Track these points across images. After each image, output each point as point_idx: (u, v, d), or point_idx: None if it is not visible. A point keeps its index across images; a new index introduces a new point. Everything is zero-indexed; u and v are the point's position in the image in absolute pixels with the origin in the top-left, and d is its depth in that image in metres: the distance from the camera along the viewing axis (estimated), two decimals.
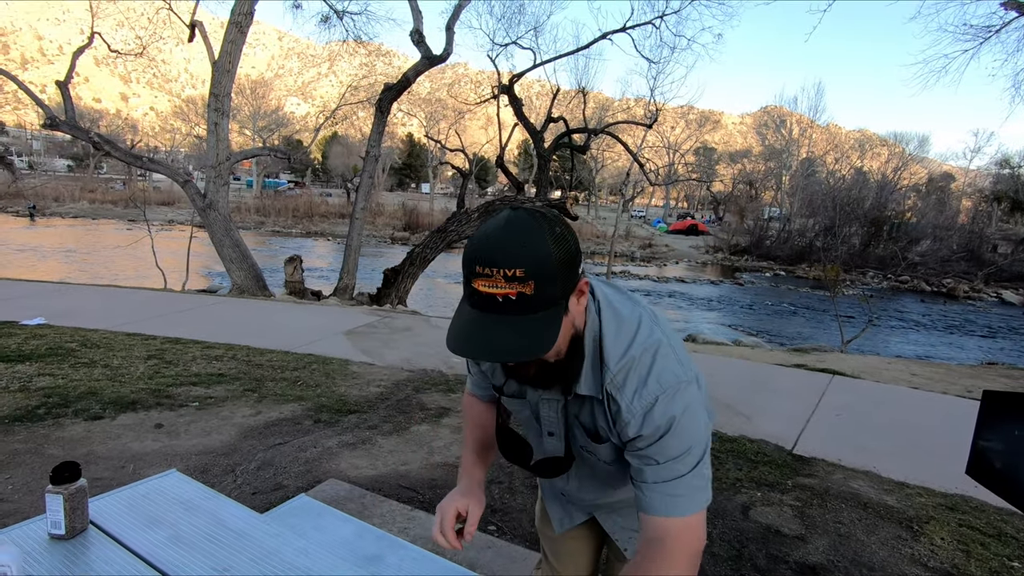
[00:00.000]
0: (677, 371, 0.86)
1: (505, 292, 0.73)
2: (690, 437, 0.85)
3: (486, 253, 0.74)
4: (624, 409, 0.85)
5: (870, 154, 46.27)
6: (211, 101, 9.93)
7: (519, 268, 0.73)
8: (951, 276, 24.70)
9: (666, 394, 0.84)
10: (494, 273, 0.73)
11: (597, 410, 0.90)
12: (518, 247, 0.73)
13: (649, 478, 0.86)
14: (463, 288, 0.80)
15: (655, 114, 12.26)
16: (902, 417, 4.65)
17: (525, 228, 0.74)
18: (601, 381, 0.87)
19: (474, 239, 0.77)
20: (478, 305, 0.76)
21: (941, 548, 2.62)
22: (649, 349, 0.87)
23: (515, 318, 0.74)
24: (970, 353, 13.57)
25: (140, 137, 43.25)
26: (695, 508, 0.85)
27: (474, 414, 1.20)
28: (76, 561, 1.07)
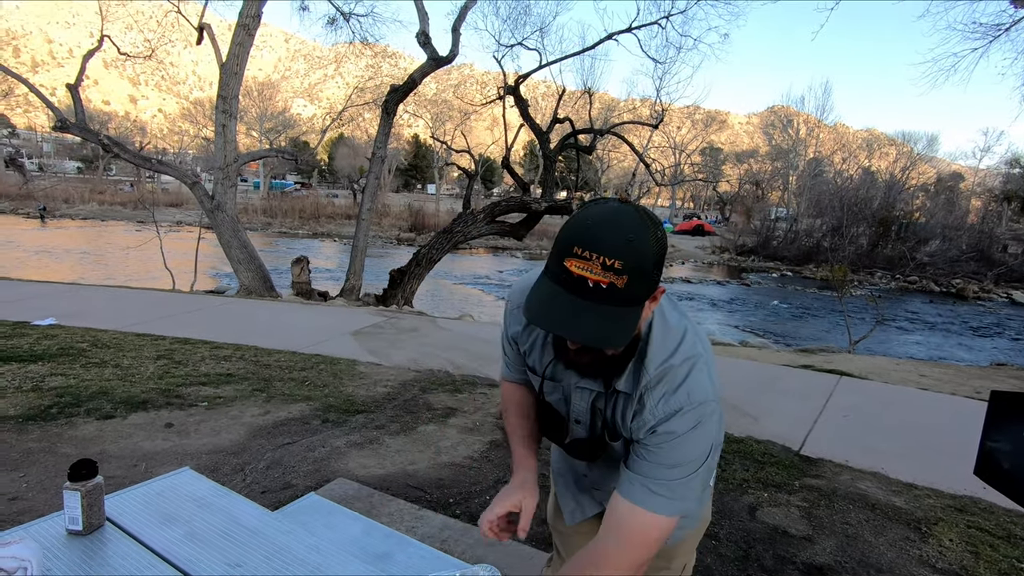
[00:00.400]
0: (707, 390, 0.89)
1: (598, 279, 0.74)
2: (692, 452, 0.88)
3: (590, 237, 0.75)
4: (647, 410, 0.89)
5: (878, 154, 46.01)
6: (219, 103, 10.01)
7: (619, 260, 0.74)
8: (960, 276, 24.51)
9: (691, 408, 0.87)
10: (592, 258, 0.74)
11: (626, 407, 0.93)
12: (624, 240, 0.74)
13: (639, 469, 0.90)
14: (549, 264, 0.80)
15: (661, 114, 12.24)
16: (911, 418, 4.62)
17: (634, 223, 0.76)
18: (638, 381, 0.90)
19: (578, 220, 0.78)
20: (565, 285, 0.77)
21: (950, 550, 2.61)
22: (688, 361, 0.90)
23: (600, 306, 0.76)
24: (980, 354, 13.46)
25: (148, 139, 43.58)
26: (666, 512, 0.88)
27: (515, 401, 1.20)
28: (94, 557, 1.09)
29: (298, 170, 55.54)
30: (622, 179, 50.70)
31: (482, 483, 2.93)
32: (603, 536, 0.90)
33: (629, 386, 0.92)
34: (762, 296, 20.96)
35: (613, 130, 12.60)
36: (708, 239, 36.18)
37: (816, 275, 24.65)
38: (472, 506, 2.69)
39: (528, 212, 11.25)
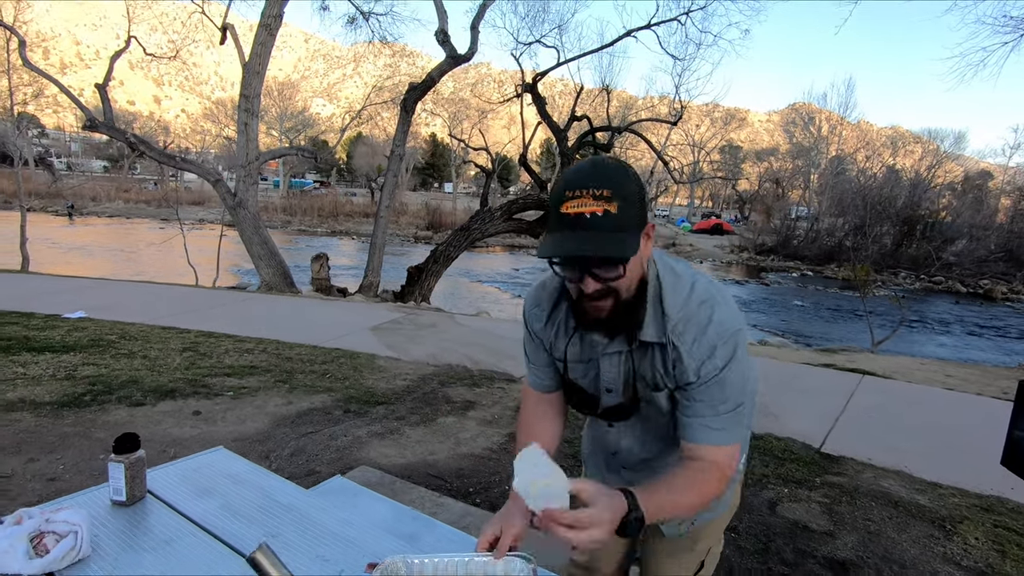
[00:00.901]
0: (733, 320, 0.96)
1: (592, 209, 0.83)
2: (739, 380, 0.96)
3: (576, 180, 0.86)
4: (685, 355, 0.95)
5: (903, 151, 45.09)
6: (241, 102, 10.18)
7: (606, 188, 0.84)
8: (988, 277, 23.91)
9: (723, 341, 0.94)
10: (583, 193, 0.84)
11: (657, 358, 0.99)
12: (604, 175, 0.86)
13: (695, 413, 0.98)
14: (550, 221, 0.90)
15: (680, 111, 12.15)
16: (935, 417, 4.55)
17: (609, 164, 0.88)
18: (664, 328, 0.96)
19: (563, 176, 0.89)
20: (566, 226, 0.85)
21: (975, 547, 2.57)
22: (707, 301, 0.96)
23: (601, 232, 0.84)
24: (1007, 356, 13.13)
25: (172, 138, 44.39)
26: (730, 441, 0.98)
27: (526, 419, 1.22)
28: (138, 525, 1.14)
29: (317, 169, 56.16)
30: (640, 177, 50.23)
31: (501, 473, 2.96)
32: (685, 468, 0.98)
33: (657, 334, 0.97)
34: (782, 296, 20.69)
35: (631, 128, 12.54)
36: (727, 238, 35.78)
37: (838, 275, 24.25)
38: (491, 495, 2.72)
39: (545, 210, 11.25)
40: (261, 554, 0.66)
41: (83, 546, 1.01)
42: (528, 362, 1.22)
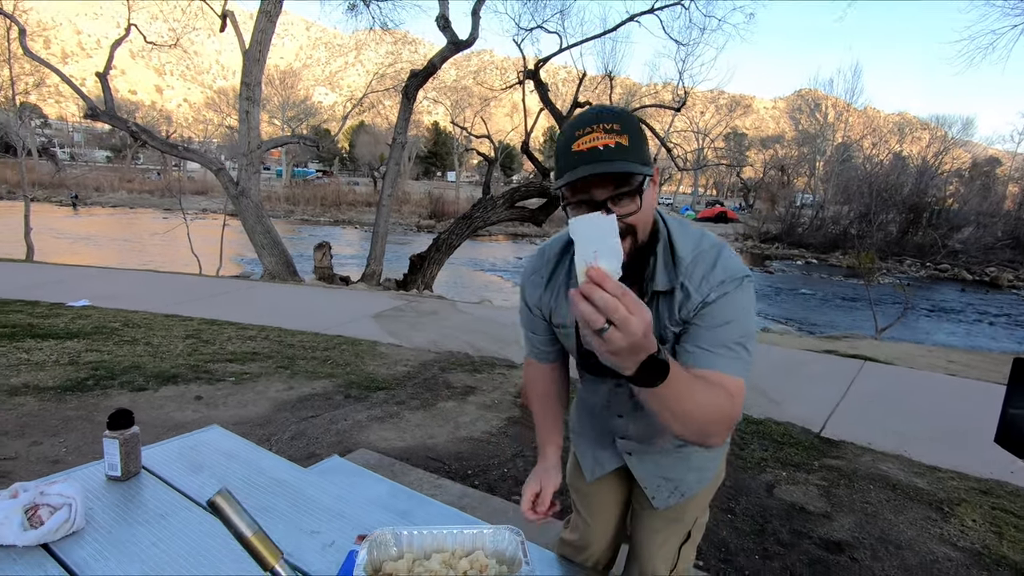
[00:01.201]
0: (739, 263, 0.99)
1: (605, 142, 0.84)
2: (744, 313, 0.96)
3: (584, 119, 0.87)
4: (693, 291, 0.96)
5: (910, 138, 44.62)
6: (242, 90, 10.14)
7: (616, 123, 0.85)
8: (994, 264, 23.74)
9: (731, 278, 0.96)
10: (594, 128, 0.85)
11: (671, 305, 0.99)
12: (611, 112, 0.88)
13: (699, 340, 0.95)
14: (562, 167, 0.88)
15: (683, 98, 12.04)
16: (937, 403, 4.54)
17: (613, 106, 0.93)
18: (677, 272, 0.98)
19: (572, 121, 0.90)
20: (582, 161, 0.85)
21: (972, 529, 2.58)
22: (715, 246, 1.00)
23: (615, 162, 0.84)
24: (1013, 344, 13.08)
25: (174, 128, 44.37)
26: (739, 372, 0.94)
27: (539, 388, 1.27)
28: (132, 499, 1.15)
29: (319, 158, 56.06)
30: None
31: (500, 456, 2.97)
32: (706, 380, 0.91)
33: (668, 281, 0.98)
34: (786, 284, 20.62)
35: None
36: (731, 226, 35.60)
37: (842, 263, 24.12)
38: (490, 478, 2.74)
39: (547, 198, 11.21)
40: (221, 498, 0.65)
41: (77, 518, 1.03)
42: (528, 334, 1.23)
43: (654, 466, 1.23)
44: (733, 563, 2.20)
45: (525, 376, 1.30)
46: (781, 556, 2.25)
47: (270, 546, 0.67)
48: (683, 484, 1.23)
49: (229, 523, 0.65)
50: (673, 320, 0.99)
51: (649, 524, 1.27)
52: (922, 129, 49.30)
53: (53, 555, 0.98)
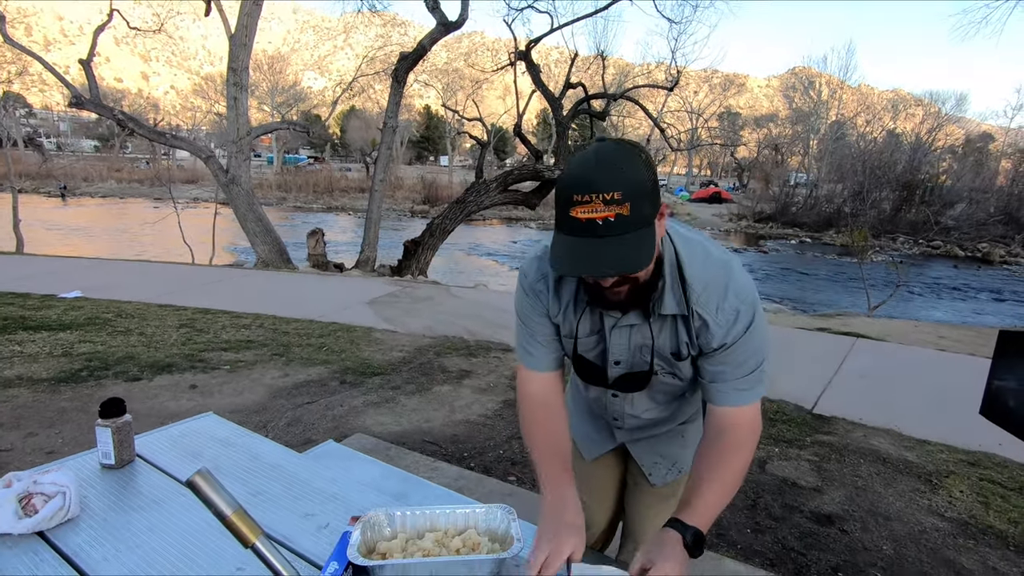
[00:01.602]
0: (749, 284, 0.98)
1: (604, 215, 0.79)
2: (760, 340, 0.98)
3: (583, 181, 0.80)
4: (712, 323, 0.96)
5: (904, 115, 44.48)
6: (229, 75, 9.99)
7: (616, 191, 0.78)
8: (987, 240, 23.87)
9: (744, 306, 0.95)
10: (593, 199, 0.79)
11: (681, 329, 0.99)
12: (614, 172, 0.79)
13: (726, 378, 0.99)
14: (558, 221, 0.85)
15: (676, 77, 11.94)
16: (928, 378, 4.60)
17: (617, 155, 0.81)
18: (686, 299, 0.96)
19: (568, 172, 0.83)
20: (577, 231, 0.81)
21: (959, 500, 2.63)
22: (722, 267, 0.97)
23: (615, 238, 0.80)
24: (1004, 319, 13.21)
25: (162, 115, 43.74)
26: (757, 398, 1.01)
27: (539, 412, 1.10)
28: (127, 486, 1.16)
29: (311, 144, 55.46)
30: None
31: (496, 439, 3.00)
32: (724, 444, 0.99)
33: (677, 307, 0.96)
34: (780, 263, 20.69)
35: (627, 94, 12.34)
36: (725, 207, 35.56)
37: (836, 241, 24.19)
38: (486, 460, 2.77)
39: (541, 180, 11.16)
40: (200, 477, 0.65)
41: (71, 506, 1.03)
42: (528, 341, 1.10)
43: (651, 445, 1.25)
44: (726, 537, 2.24)
45: (523, 395, 1.13)
46: (772, 530, 2.29)
47: (250, 523, 0.67)
48: (680, 460, 1.25)
49: (209, 502, 0.65)
50: (693, 343, 1.00)
51: (645, 500, 1.29)
52: (916, 105, 49.13)
53: (49, 543, 0.98)
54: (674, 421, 1.22)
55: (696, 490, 0.97)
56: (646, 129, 36.72)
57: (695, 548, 0.90)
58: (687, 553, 0.88)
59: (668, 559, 0.86)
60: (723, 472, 0.98)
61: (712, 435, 1.02)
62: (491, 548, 0.99)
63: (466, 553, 0.97)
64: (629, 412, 1.19)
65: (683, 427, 1.24)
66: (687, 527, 0.91)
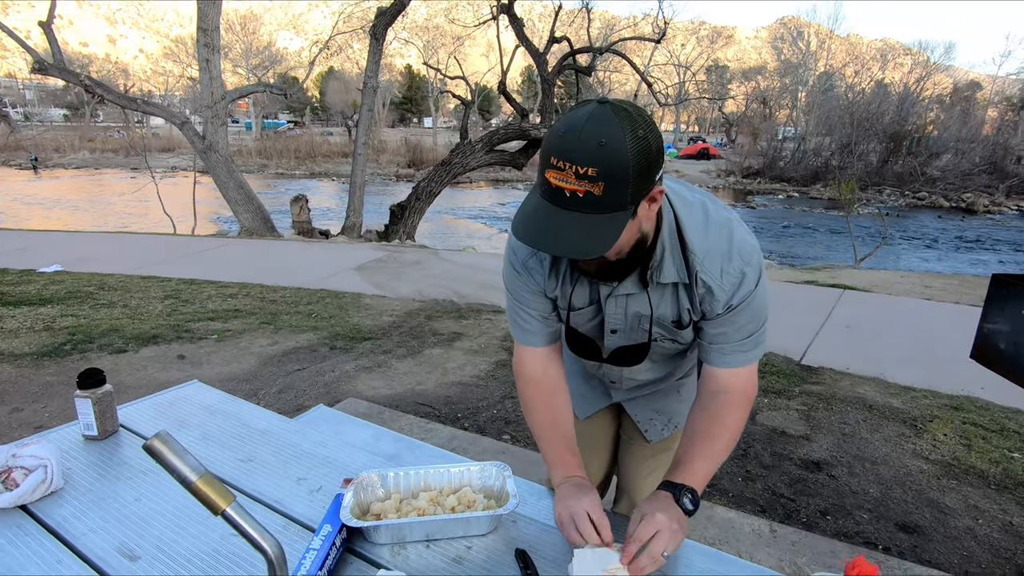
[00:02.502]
0: (750, 240, 0.93)
1: (573, 188, 0.72)
2: (764, 301, 0.95)
3: (562, 146, 0.72)
4: (716, 288, 0.91)
5: (892, 64, 43.96)
6: (200, 36, 9.56)
7: (591, 167, 0.71)
8: (971, 191, 24.00)
9: (749, 266, 0.92)
10: (566, 168, 0.72)
11: (682, 296, 0.95)
12: (595, 146, 0.71)
13: (728, 339, 0.96)
14: (537, 177, 0.79)
15: (663, 28, 11.62)
16: (913, 326, 4.67)
17: (609, 126, 0.71)
18: (687, 266, 0.91)
19: (554, 129, 0.75)
20: (547, 196, 0.76)
21: (943, 443, 2.70)
22: (724, 227, 0.92)
23: (580, 215, 0.74)
24: (988, 268, 13.39)
25: (132, 81, 42.12)
26: (756, 359, 0.99)
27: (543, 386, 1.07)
28: (112, 457, 1.13)
29: (290, 108, 53.86)
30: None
31: (489, 399, 3.01)
32: (710, 399, 0.99)
33: (678, 274, 0.92)
34: (768, 218, 20.73)
35: (613, 48, 12.02)
36: (713, 163, 35.32)
37: (823, 195, 24.20)
38: (480, 420, 2.78)
39: (528, 140, 10.95)
40: (158, 441, 0.60)
41: (54, 478, 1.00)
42: (522, 318, 1.06)
43: (647, 402, 1.24)
44: (717, 486, 2.29)
45: (521, 375, 1.09)
46: (763, 477, 2.34)
47: (220, 489, 0.63)
48: (676, 416, 1.24)
49: (171, 468, 0.60)
50: (695, 310, 0.95)
51: (640, 454, 1.29)
52: (904, 55, 48.53)
53: (32, 516, 0.96)
54: (672, 378, 1.21)
55: (689, 451, 0.96)
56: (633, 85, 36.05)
57: (691, 506, 0.90)
58: (680, 511, 0.88)
59: (658, 512, 0.86)
60: (716, 432, 0.97)
61: (707, 395, 1.00)
62: (486, 505, 0.98)
63: (461, 511, 0.96)
64: (627, 375, 1.17)
65: (680, 382, 1.23)
66: (680, 487, 0.91)
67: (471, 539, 0.94)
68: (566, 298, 1.01)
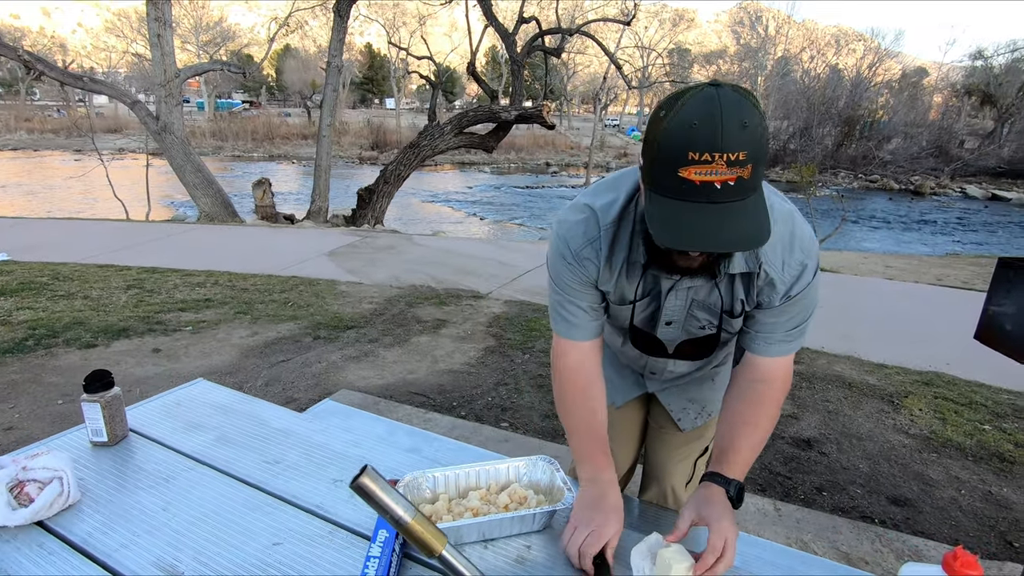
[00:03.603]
0: (811, 234, 0.92)
1: (725, 179, 0.69)
2: (817, 294, 0.95)
3: (705, 137, 0.68)
4: (778, 279, 0.90)
5: (845, 50, 45.22)
6: (150, 10, 9.02)
7: (742, 151, 0.68)
8: (919, 173, 25.11)
9: (810, 258, 0.91)
10: (716, 158, 0.68)
11: (739, 285, 0.93)
12: (739, 129, 0.68)
13: (776, 329, 0.96)
14: (656, 179, 0.73)
15: (633, 11, 11.61)
16: (880, 305, 4.87)
17: (742, 107, 0.69)
18: (757, 257, 0.90)
19: (679, 123, 0.69)
20: (689, 196, 0.71)
21: (920, 418, 2.83)
22: (787, 219, 0.90)
23: (735, 204, 0.71)
24: (937, 247, 14.08)
25: (72, 57, 39.59)
26: (798, 348, 1.00)
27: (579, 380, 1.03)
28: (127, 463, 1.06)
29: (244, 88, 51.68)
30: (588, 86, 48.92)
31: (483, 386, 2.99)
32: (751, 388, 0.99)
33: (745, 264, 0.90)
34: None
35: (583, 30, 11.94)
36: None
37: (782, 177, 24.87)
38: (476, 407, 2.76)
39: (498, 122, 10.82)
40: (369, 480, 0.55)
41: (71, 491, 0.93)
42: (568, 311, 1.00)
43: (682, 391, 1.24)
44: None
45: (561, 369, 1.04)
46: (760, 457, 2.39)
47: (433, 530, 0.59)
48: (710, 404, 1.24)
49: (383, 507, 0.56)
50: (750, 300, 0.94)
51: (671, 443, 1.29)
52: (857, 40, 49.98)
53: (53, 533, 0.89)
54: (708, 366, 1.21)
55: (733, 442, 0.96)
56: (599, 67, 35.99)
57: (737, 501, 0.91)
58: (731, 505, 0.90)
59: (723, 518, 0.86)
60: (759, 421, 0.97)
61: (746, 384, 1.00)
62: (538, 500, 0.96)
63: (514, 508, 0.94)
64: (670, 367, 1.16)
65: (715, 370, 1.23)
66: (729, 481, 0.92)
67: (529, 537, 0.92)
68: (620, 289, 0.98)
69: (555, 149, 33.37)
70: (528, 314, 4.23)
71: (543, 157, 31.83)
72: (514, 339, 3.69)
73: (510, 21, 11.80)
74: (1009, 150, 26.80)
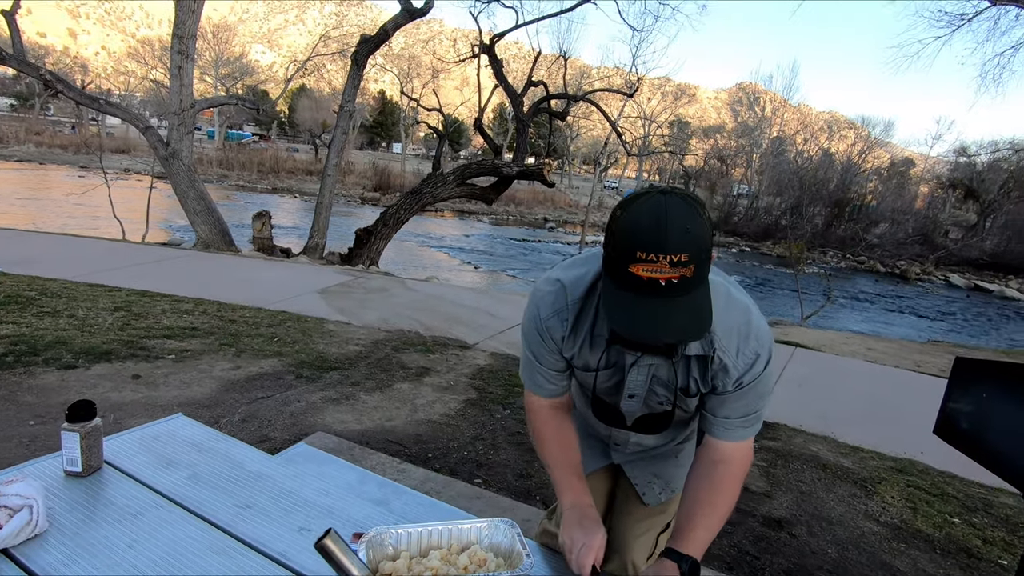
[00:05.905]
0: (766, 328, 1.00)
1: (669, 277, 0.77)
2: (769, 384, 1.01)
3: (651, 239, 0.77)
4: (731, 366, 0.97)
5: (837, 136, 47.27)
6: (175, 43, 9.38)
7: (684, 254, 0.77)
8: (905, 258, 25.82)
9: (763, 350, 0.97)
10: (659, 259, 0.77)
11: (694, 368, 1.00)
12: (682, 234, 0.77)
13: (733, 414, 1.01)
14: (610, 269, 0.83)
15: (636, 84, 12.19)
16: (859, 388, 4.93)
17: (688, 214, 0.78)
18: (712, 343, 0.96)
19: (630, 223, 0.79)
20: (636, 289, 0.79)
21: (891, 505, 2.84)
22: (744, 311, 0.98)
23: (678, 299, 0.79)
24: (919, 332, 14.31)
25: (91, 78, 40.61)
26: (755, 432, 1.06)
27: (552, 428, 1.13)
28: (98, 497, 1.07)
29: (256, 121, 52.97)
30: (591, 148, 50.52)
31: (460, 439, 2.98)
32: (718, 476, 1.03)
33: (701, 348, 0.97)
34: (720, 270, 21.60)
35: (588, 97, 12.49)
36: None
37: (773, 251, 25.48)
38: (451, 461, 2.74)
39: (499, 176, 11.13)
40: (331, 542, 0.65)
41: (39, 520, 0.94)
42: (537, 373, 1.10)
43: (646, 465, 1.28)
44: None
45: (533, 410, 1.16)
46: (729, 534, 2.39)
47: None
48: (674, 480, 1.28)
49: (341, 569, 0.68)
50: (704, 382, 1.01)
51: (634, 515, 1.31)
52: (848, 128, 52.33)
53: (15, 561, 0.90)
54: (673, 442, 1.25)
55: (691, 520, 1.01)
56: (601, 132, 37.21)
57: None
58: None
59: None
60: (718, 502, 1.02)
61: (707, 465, 1.05)
62: (497, 564, 0.98)
63: (473, 570, 0.96)
64: (635, 440, 1.21)
65: (679, 447, 1.27)
66: (683, 557, 0.96)
67: None
68: (583, 358, 1.05)
69: (554, 206, 34.11)
70: (512, 368, 4.25)
71: (542, 212, 32.49)
72: (496, 393, 3.70)
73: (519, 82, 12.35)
74: (991, 243, 27.71)
